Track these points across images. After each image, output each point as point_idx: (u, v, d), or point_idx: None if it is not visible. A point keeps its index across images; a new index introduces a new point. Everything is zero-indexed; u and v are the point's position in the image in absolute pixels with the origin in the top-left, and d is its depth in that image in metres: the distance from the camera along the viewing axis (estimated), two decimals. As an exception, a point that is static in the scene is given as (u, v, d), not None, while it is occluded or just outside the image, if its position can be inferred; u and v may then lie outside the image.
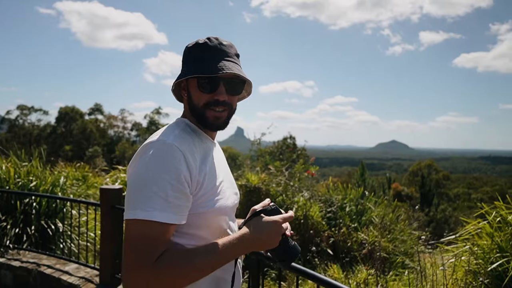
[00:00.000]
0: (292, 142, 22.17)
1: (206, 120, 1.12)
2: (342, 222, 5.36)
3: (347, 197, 5.93)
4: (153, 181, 0.97)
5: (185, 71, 1.12)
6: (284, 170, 5.89)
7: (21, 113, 46.87)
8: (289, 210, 4.97)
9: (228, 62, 1.11)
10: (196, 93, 1.12)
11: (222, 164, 1.23)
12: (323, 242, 5.08)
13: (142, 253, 0.94)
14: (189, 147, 1.05)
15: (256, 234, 1.05)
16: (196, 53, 1.13)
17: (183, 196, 0.99)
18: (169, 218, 0.96)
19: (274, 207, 1.15)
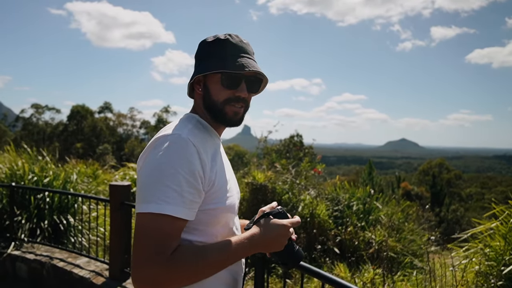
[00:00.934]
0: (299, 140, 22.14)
1: (224, 115, 1.12)
2: (349, 221, 5.36)
3: (354, 195, 5.93)
4: (167, 174, 0.96)
5: (207, 66, 1.11)
6: (291, 168, 5.91)
7: (35, 112, 47.68)
8: (296, 207, 5.05)
9: (250, 60, 1.12)
10: (217, 88, 1.11)
11: (227, 162, 1.24)
12: (330, 241, 5.10)
13: (156, 248, 0.92)
14: (202, 143, 1.05)
15: (266, 235, 1.06)
16: (218, 48, 1.12)
17: (196, 192, 0.99)
18: (183, 213, 0.96)
19: (282, 210, 1.15)
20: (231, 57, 1.10)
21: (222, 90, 1.10)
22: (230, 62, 1.08)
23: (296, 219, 1.14)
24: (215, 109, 1.12)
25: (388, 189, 20.24)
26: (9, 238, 4.39)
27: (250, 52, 1.15)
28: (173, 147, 0.99)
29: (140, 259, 0.92)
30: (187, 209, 0.97)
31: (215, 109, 1.12)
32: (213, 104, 1.12)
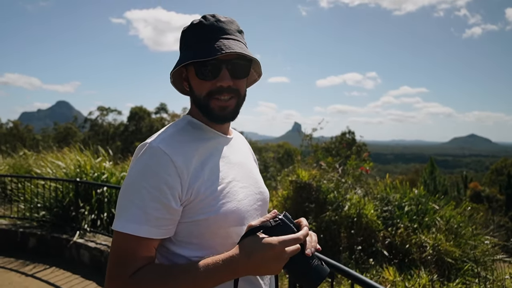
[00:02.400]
0: (351, 137, 21.45)
1: (211, 111, 0.98)
2: (399, 222, 5.12)
3: (406, 195, 5.64)
4: (132, 189, 0.89)
5: (181, 58, 0.99)
6: (337, 166, 5.78)
7: (101, 114, 51.66)
8: (342, 206, 4.90)
9: (227, 40, 0.95)
10: (196, 82, 0.98)
11: (239, 160, 1.07)
12: (378, 243, 4.91)
13: (117, 267, 0.87)
14: (182, 149, 0.93)
15: (246, 258, 0.85)
16: (190, 35, 0.99)
17: (163, 207, 0.88)
18: (145, 231, 0.87)
19: (279, 222, 0.91)
20: (203, 43, 0.94)
21: (201, 82, 0.97)
22: (203, 49, 0.93)
23: (299, 234, 0.89)
24: (201, 105, 1.00)
25: (453, 190, 18.93)
26: (74, 227, 4.85)
27: (230, 31, 0.97)
28: (141, 158, 0.91)
29: (106, 276, 0.89)
30: (152, 227, 0.87)
31: (201, 105, 1.00)
32: (197, 100, 1.00)
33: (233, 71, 0.96)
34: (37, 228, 5.07)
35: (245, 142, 1.22)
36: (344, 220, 5.01)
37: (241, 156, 1.10)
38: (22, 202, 5.57)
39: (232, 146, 1.08)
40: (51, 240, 4.78)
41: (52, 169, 6.05)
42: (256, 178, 1.11)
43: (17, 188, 5.95)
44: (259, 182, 1.12)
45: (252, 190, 1.05)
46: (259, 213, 1.06)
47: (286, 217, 0.94)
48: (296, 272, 0.91)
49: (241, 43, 0.98)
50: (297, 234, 0.89)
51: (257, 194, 1.07)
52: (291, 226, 0.91)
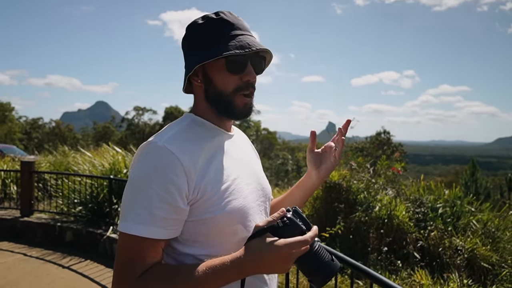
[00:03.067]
0: (386, 137, 20.82)
1: (234, 108, 0.97)
2: (433, 224, 4.92)
3: (441, 197, 5.41)
4: (138, 190, 0.88)
5: (207, 52, 0.94)
6: (369, 166, 5.63)
7: (137, 114, 53.51)
8: (372, 207, 4.79)
9: (251, 37, 0.97)
10: (223, 76, 0.96)
11: (242, 157, 1.07)
12: (410, 245, 4.74)
13: (124, 268, 0.87)
14: (188, 147, 0.92)
15: (253, 260, 0.84)
16: (213, 29, 0.96)
17: (170, 208, 0.87)
18: (151, 232, 0.86)
19: (287, 221, 0.87)
20: (231, 37, 0.94)
21: (229, 77, 0.95)
22: (233, 43, 0.93)
23: (307, 236, 0.86)
24: (223, 102, 0.97)
25: (497, 193, 17.92)
26: (108, 222, 5.05)
27: (247, 28, 0.99)
28: (147, 158, 0.90)
29: (113, 278, 0.89)
30: (159, 227, 0.87)
31: (223, 102, 0.97)
32: (220, 95, 0.97)
33: (256, 67, 0.98)
34: (73, 222, 5.33)
35: (245, 138, 1.22)
36: (374, 221, 4.89)
37: (243, 152, 1.10)
38: (61, 197, 5.89)
39: (234, 142, 1.07)
40: (86, 234, 5.01)
41: (89, 167, 6.35)
42: (258, 175, 1.11)
43: (56, 184, 6.29)
44: (261, 178, 1.12)
45: (255, 187, 1.05)
46: (262, 209, 1.05)
47: (296, 213, 0.90)
48: (306, 269, 0.89)
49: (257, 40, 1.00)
50: (305, 236, 0.86)
51: (259, 190, 1.07)
52: (299, 225, 0.88)
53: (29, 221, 5.45)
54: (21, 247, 4.99)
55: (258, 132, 46.78)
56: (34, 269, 4.26)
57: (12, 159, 8.56)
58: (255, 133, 44.64)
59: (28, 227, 5.41)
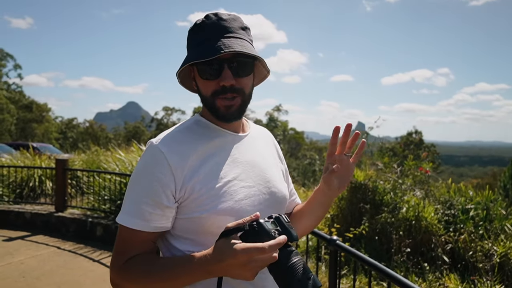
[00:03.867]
0: (418, 137, 20.19)
1: (217, 111, 0.98)
2: (463, 227, 4.74)
3: (472, 199, 5.20)
4: (131, 185, 0.97)
5: (185, 59, 0.99)
6: (396, 167, 5.50)
7: (166, 114, 54.75)
8: (399, 208, 4.67)
9: (228, 39, 0.94)
10: (201, 82, 0.99)
11: (248, 159, 1.05)
12: (438, 248, 4.59)
13: (116, 254, 0.97)
14: (179, 147, 0.95)
15: (216, 261, 0.82)
16: (193, 36, 1.00)
17: (155, 204, 0.93)
18: (135, 224, 0.93)
19: (255, 225, 0.82)
20: (205, 43, 0.95)
21: (205, 83, 0.98)
22: (204, 49, 0.93)
23: (265, 244, 0.79)
24: (208, 105, 1.01)
25: (538, 196, 16.94)
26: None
27: (232, 29, 0.97)
28: (143, 155, 0.98)
29: (110, 262, 0.99)
30: (144, 221, 0.93)
31: (208, 105, 1.01)
32: (204, 99, 1.01)
33: (236, 69, 0.96)
34: (103, 218, 5.54)
35: (266, 139, 1.19)
36: (401, 223, 4.77)
37: (253, 154, 1.07)
38: (92, 194, 6.13)
39: (244, 144, 1.06)
40: (115, 229, 5.18)
41: (118, 165, 6.58)
42: (268, 178, 1.06)
43: (88, 181, 6.56)
44: (271, 181, 1.07)
45: (259, 190, 1.02)
46: (266, 214, 0.98)
47: (277, 220, 0.85)
48: (278, 281, 0.83)
49: (243, 41, 0.97)
50: (264, 244, 0.79)
51: (265, 194, 1.03)
52: (269, 232, 0.81)
53: (63, 216, 5.71)
54: (55, 240, 5.24)
55: (285, 132, 46.63)
56: (67, 262, 4.47)
57: (48, 157, 8.99)
58: (282, 133, 44.52)
59: (62, 222, 5.67)
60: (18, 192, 6.89)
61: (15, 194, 6.84)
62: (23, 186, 6.95)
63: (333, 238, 1.99)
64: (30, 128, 40.28)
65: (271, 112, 48.87)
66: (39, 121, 41.68)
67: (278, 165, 1.17)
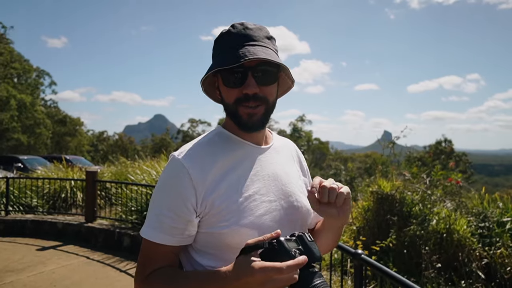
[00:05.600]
0: (447, 145, 19.45)
1: (239, 119, 0.97)
2: (499, 241, 4.49)
3: (508, 211, 4.93)
4: (154, 199, 0.98)
5: (209, 67, 0.98)
6: (425, 177, 5.31)
7: (191, 125, 55.73)
8: (429, 220, 4.47)
9: (252, 47, 0.93)
10: (224, 89, 0.98)
11: (270, 173, 1.02)
12: (473, 262, 4.37)
13: (139, 267, 0.98)
14: (201, 161, 0.95)
15: (235, 278, 0.82)
16: (219, 44, 0.99)
17: (177, 217, 0.93)
18: (158, 237, 0.94)
19: (274, 244, 0.80)
20: (229, 51, 0.94)
21: (228, 91, 0.97)
22: (228, 57, 0.93)
23: (283, 264, 0.77)
24: (231, 113, 0.99)
25: None
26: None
27: (256, 37, 0.96)
28: (166, 169, 0.98)
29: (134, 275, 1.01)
30: (166, 234, 0.93)
31: (231, 113, 0.99)
32: (227, 108, 1.00)
33: (260, 78, 0.94)
34: (130, 229, 5.66)
35: (289, 151, 1.16)
36: (431, 236, 4.58)
37: (275, 167, 1.05)
38: (120, 205, 6.29)
39: (266, 156, 1.04)
40: (141, 240, 5.27)
41: (144, 176, 6.73)
42: (290, 191, 1.04)
43: (116, 192, 6.74)
44: (293, 195, 1.04)
45: (280, 205, 1.00)
46: (288, 229, 0.97)
47: (300, 239, 0.82)
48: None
49: (268, 49, 0.95)
50: (282, 264, 0.77)
51: (286, 209, 1.01)
52: (289, 252, 0.78)
53: (92, 227, 5.87)
54: (84, 250, 5.39)
55: (310, 142, 46.25)
56: (95, 272, 4.57)
57: (79, 169, 9.33)
58: (306, 144, 44.19)
59: (91, 232, 5.84)
60: (52, 203, 7.18)
61: (48, 204, 7.12)
62: (56, 197, 7.23)
63: (358, 252, 1.94)
64: (64, 141, 42.01)
65: (295, 122, 48.68)
66: (72, 135, 43.40)
67: (301, 178, 1.14)
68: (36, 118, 35.36)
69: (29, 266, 4.65)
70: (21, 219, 6.28)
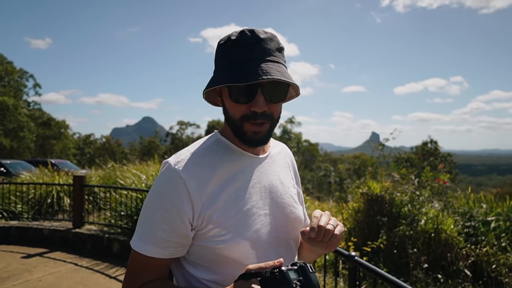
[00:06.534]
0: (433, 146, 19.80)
1: (244, 135, 0.93)
2: (485, 239, 4.59)
3: (492, 210, 5.05)
4: (147, 209, 0.93)
5: (215, 76, 0.93)
6: (413, 178, 5.39)
7: (180, 128, 55.38)
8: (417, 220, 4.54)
9: (265, 63, 0.88)
10: (230, 104, 0.93)
11: (266, 184, 1.00)
12: (460, 261, 4.45)
13: (128, 277, 0.95)
14: (199, 172, 0.91)
15: None
16: (227, 52, 0.92)
17: (171, 230, 0.89)
18: (150, 251, 0.90)
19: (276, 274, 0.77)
20: (239, 64, 0.88)
21: (235, 106, 0.92)
22: (239, 71, 0.87)
23: None
24: (234, 127, 0.95)
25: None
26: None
27: (270, 51, 0.91)
28: (160, 177, 0.93)
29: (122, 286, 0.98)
30: (158, 248, 0.90)
31: (234, 127, 0.95)
32: (231, 121, 0.95)
33: (270, 95, 0.90)
34: (120, 234, 5.58)
35: (284, 159, 1.13)
36: (420, 236, 4.66)
37: (271, 178, 1.03)
38: (109, 210, 6.20)
39: (263, 167, 1.02)
40: (132, 245, 5.22)
41: (134, 180, 6.65)
42: (285, 203, 1.02)
43: (105, 197, 6.65)
44: (288, 207, 1.03)
45: (275, 217, 0.99)
46: (282, 242, 1.00)
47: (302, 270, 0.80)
48: None
49: (280, 65, 0.91)
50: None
51: (281, 221, 1.00)
52: (290, 283, 0.76)
53: (80, 233, 5.77)
54: (72, 257, 5.29)
55: (299, 144, 46.45)
56: (84, 279, 4.49)
57: (66, 173, 9.16)
58: (296, 145, 44.38)
59: (79, 238, 5.74)
60: (37, 208, 7.03)
61: (34, 210, 6.97)
62: (42, 203, 7.08)
63: (352, 254, 1.95)
64: (49, 144, 41.23)
65: (285, 124, 48.86)
66: (57, 138, 42.64)
67: (295, 187, 1.14)
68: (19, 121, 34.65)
69: (14, 275, 4.55)
70: (5, 226, 6.13)
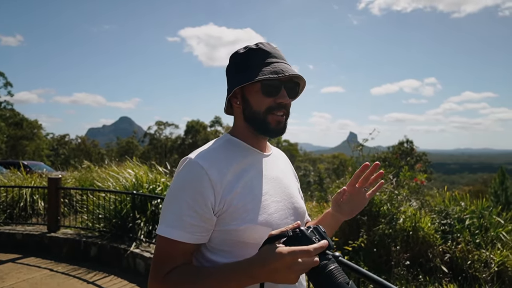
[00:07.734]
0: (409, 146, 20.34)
1: (267, 125, 1.08)
2: (460, 237, 4.74)
3: (467, 208, 5.22)
4: (172, 198, 1.02)
5: (245, 77, 1.07)
6: (391, 177, 5.51)
7: (158, 128, 54.52)
8: (396, 219, 4.68)
9: (286, 64, 1.09)
10: (258, 98, 1.08)
11: (275, 176, 1.14)
12: (436, 258, 4.58)
13: (156, 266, 1.00)
14: (218, 163, 1.03)
15: (261, 266, 0.88)
16: (252, 58, 1.10)
17: (197, 215, 0.98)
18: (178, 235, 0.98)
19: (298, 232, 0.89)
20: (267, 64, 1.07)
21: (263, 99, 1.07)
22: (268, 69, 1.06)
23: (310, 247, 0.86)
24: (258, 120, 1.09)
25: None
26: (131, 238, 5.11)
27: (283, 57, 1.12)
28: (182, 171, 1.04)
29: (149, 274, 1.02)
30: (186, 232, 0.98)
31: (258, 120, 1.09)
32: (255, 114, 1.09)
33: (289, 91, 1.09)
34: (98, 238, 5.44)
35: (284, 159, 1.31)
36: (398, 234, 4.76)
37: (277, 172, 1.17)
38: (86, 213, 6.03)
39: (269, 162, 1.16)
40: (110, 249, 5.09)
41: (112, 182, 6.50)
42: (291, 193, 1.17)
43: (82, 200, 6.46)
44: (294, 197, 1.18)
45: (285, 205, 1.12)
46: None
47: (316, 230, 0.92)
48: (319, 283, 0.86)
49: (292, 68, 1.10)
50: (309, 246, 0.86)
51: (290, 209, 1.13)
52: (311, 239, 0.88)
53: (55, 237, 5.59)
54: (47, 262, 5.11)
55: (279, 144, 46.70)
56: (60, 285, 4.35)
57: (39, 175, 8.85)
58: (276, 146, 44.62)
59: (55, 243, 5.56)
60: (9, 212, 6.75)
61: (5, 214, 6.69)
62: (14, 206, 6.81)
63: (336, 255, 1.97)
64: (20, 145, 39.76)
65: (264, 124, 48.88)
66: (30, 138, 41.18)
67: (295, 183, 1.28)
68: (-11, 122, 33.25)
69: (-14, 282, 4.36)
70: (-25, 231, 5.87)
